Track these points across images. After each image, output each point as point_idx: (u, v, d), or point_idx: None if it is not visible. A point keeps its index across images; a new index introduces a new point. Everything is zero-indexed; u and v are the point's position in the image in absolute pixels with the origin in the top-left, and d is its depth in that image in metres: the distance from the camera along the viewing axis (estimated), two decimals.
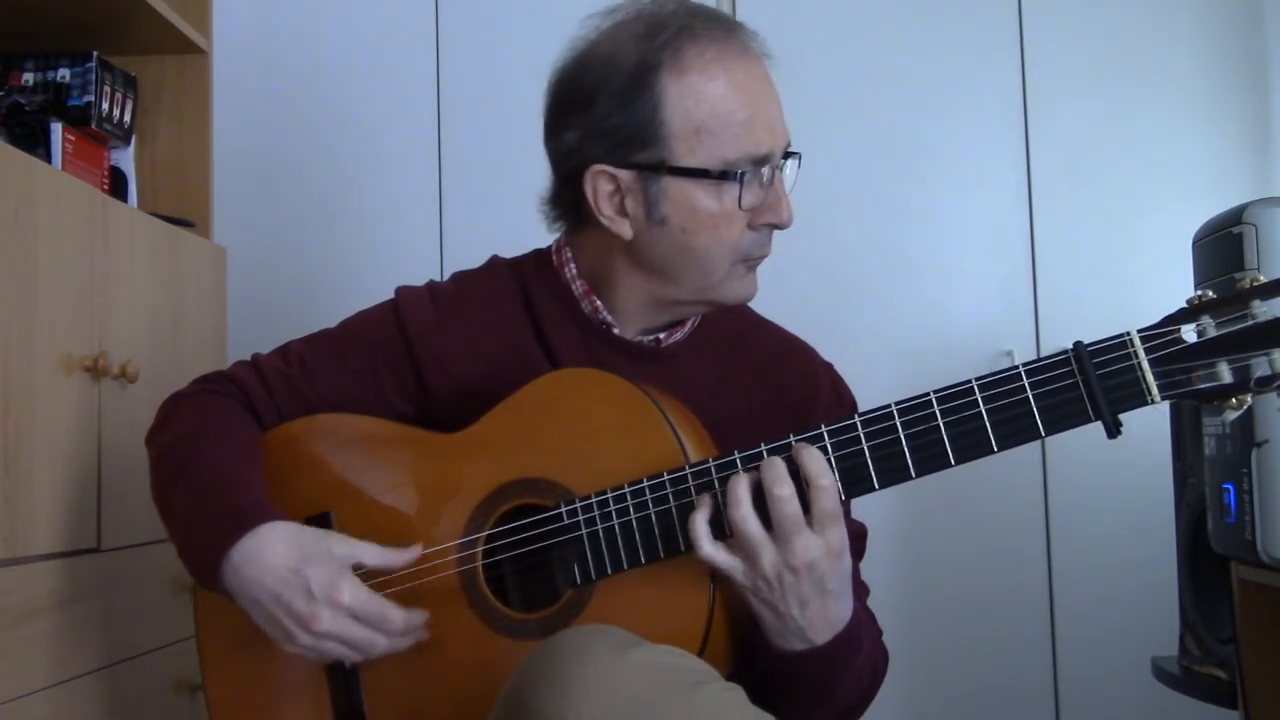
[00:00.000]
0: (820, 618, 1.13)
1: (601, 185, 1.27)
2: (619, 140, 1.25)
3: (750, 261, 1.30)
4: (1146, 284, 2.72)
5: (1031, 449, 2.72)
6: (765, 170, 1.25)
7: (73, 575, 1.56)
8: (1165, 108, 2.84)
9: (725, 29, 1.27)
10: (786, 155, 1.29)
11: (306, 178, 2.90)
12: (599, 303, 1.34)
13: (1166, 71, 2.85)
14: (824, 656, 1.15)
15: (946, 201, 2.86)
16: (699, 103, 1.23)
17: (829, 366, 1.42)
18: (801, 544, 1.10)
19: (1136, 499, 2.67)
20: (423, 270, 2.78)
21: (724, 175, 1.23)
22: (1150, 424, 2.21)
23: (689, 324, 1.36)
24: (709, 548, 1.13)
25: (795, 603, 1.12)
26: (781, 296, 2.75)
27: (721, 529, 1.14)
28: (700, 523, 1.13)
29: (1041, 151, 2.85)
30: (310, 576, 1.19)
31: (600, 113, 1.26)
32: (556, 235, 1.40)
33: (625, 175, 1.26)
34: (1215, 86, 2.84)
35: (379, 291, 1.44)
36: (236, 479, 1.28)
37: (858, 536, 1.35)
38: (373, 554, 1.23)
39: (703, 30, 1.26)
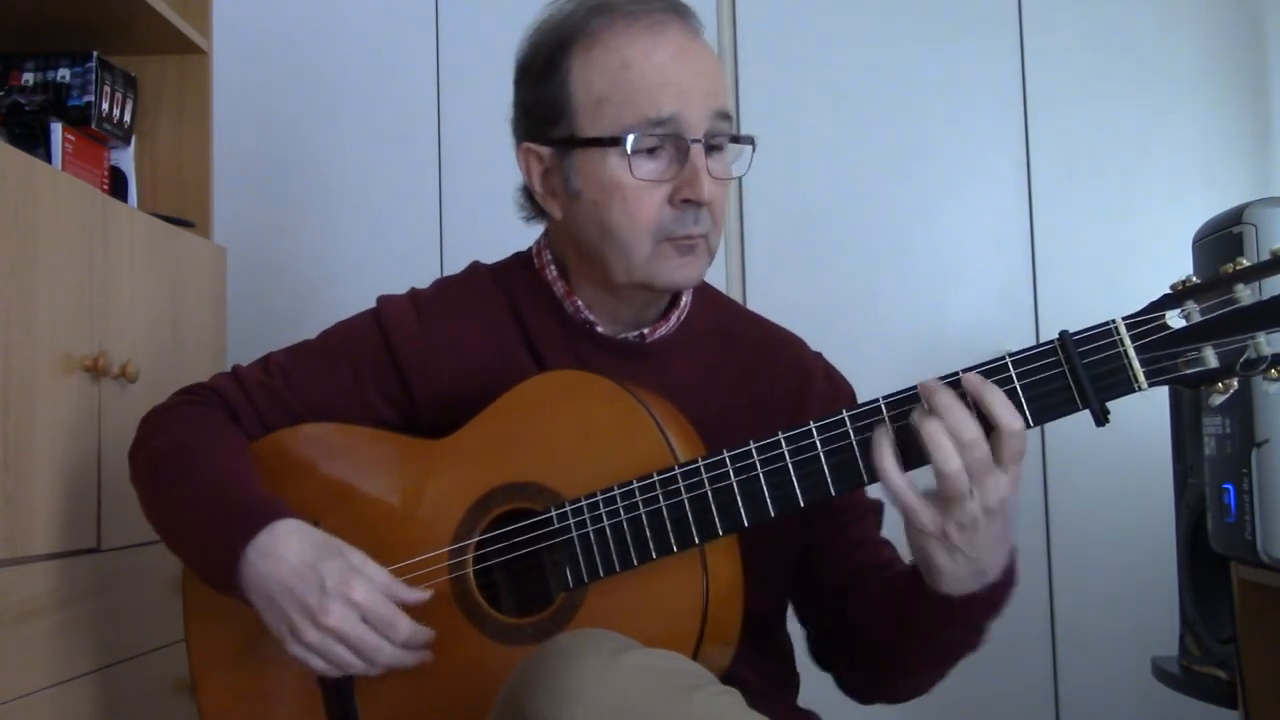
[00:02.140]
0: (1002, 553, 1.11)
1: (533, 164, 1.31)
2: (536, 117, 1.30)
3: (677, 241, 1.26)
4: (1146, 284, 2.68)
5: (1031, 449, 2.72)
6: (671, 144, 1.23)
7: (72, 575, 1.56)
8: (1165, 108, 2.84)
9: (645, 4, 1.26)
10: (735, 139, 1.28)
11: (307, 178, 2.90)
12: (579, 302, 1.34)
13: (1166, 71, 2.85)
14: (994, 593, 1.13)
15: (946, 201, 2.86)
16: (601, 74, 1.24)
17: (819, 356, 1.42)
18: (993, 483, 1.06)
19: (1136, 499, 2.67)
20: (423, 271, 2.78)
21: (614, 142, 1.23)
22: (1150, 423, 2.22)
23: (674, 318, 1.35)
24: (900, 480, 1.08)
25: (984, 546, 1.08)
26: (781, 296, 2.78)
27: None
28: (887, 454, 1.08)
29: (1041, 151, 2.85)
30: (325, 571, 1.18)
31: (525, 91, 1.31)
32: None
33: (546, 152, 1.29)
34: (1215, 86, 2.84)
35: (379, 292, 1.44)
36: (240, 479, 1.27)
37: (876, 511, 1.37)
38: (381, 575, 1.21)
39: (620, 6, 1.26)
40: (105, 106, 1.94)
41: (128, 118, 2.02)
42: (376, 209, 2.89)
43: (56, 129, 1.81)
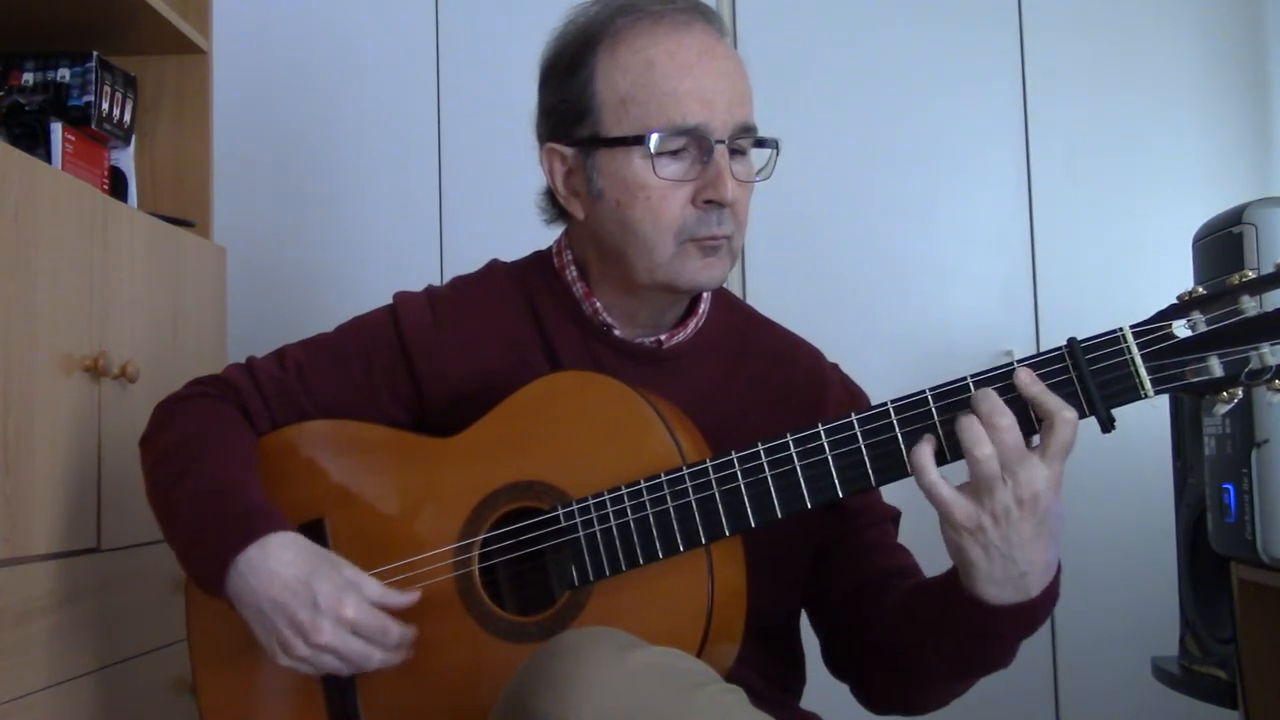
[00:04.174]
0: (1040, 560, 1.10)
1: (556, 164, 1.31)
2: (560, 117, 1.30)
3: (700, 242, 1.26)
4: (1146, 284, 2.71)
5: None
6: (694, 145, 1.24)
7: (72, 575, 1.56)
8: (1165, 107, 2.84)
9: (669, 5, 1.27)
10: (760, 143, 1.29)
11: (306, 178, 2.90)
12: (599, 304, 1.34)
13: (1166, 71, 2.85)
14: (1031, 610, 1.12)
15: (946, 201, 2.86)
16: (625, 74, 1.25)
17: (835, 366, 1.42)
18: (1027, 474, 1.07)
19: (1136, 499, 2.67)
20: (422, 271, 2.78)
21: (638, 141, 1.23)
22: (1150, 424, 2.21)
23: (691, 325, 1.35)
24: (934, 476, 1.09)
25: (1018, 543, 1.08)
26: (781, 296, 2.78)
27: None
28: (926, 453, 1.10)
29: (1041, 151, 2.85)
30: (317, 589, 1.18)
31: (549, 92, 1.31)
32: (555, 236, 1.40)
33: (569, 152, 1.30)
34: (1215, 86, 2.84)
35: (379, 291, 1.44)
36: (240, 484, 1.27)
37: (894, 519, 1.37)
38: (374, 588, 1.22)
39: (645, 6, 1.27)
40: (105, 106, 1.94)
41: (128, 118, 2.02)
42: (376, 209, 2.89)
43: (56, 129, 1.81)
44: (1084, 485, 2.72)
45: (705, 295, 1.37)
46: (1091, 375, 1.07)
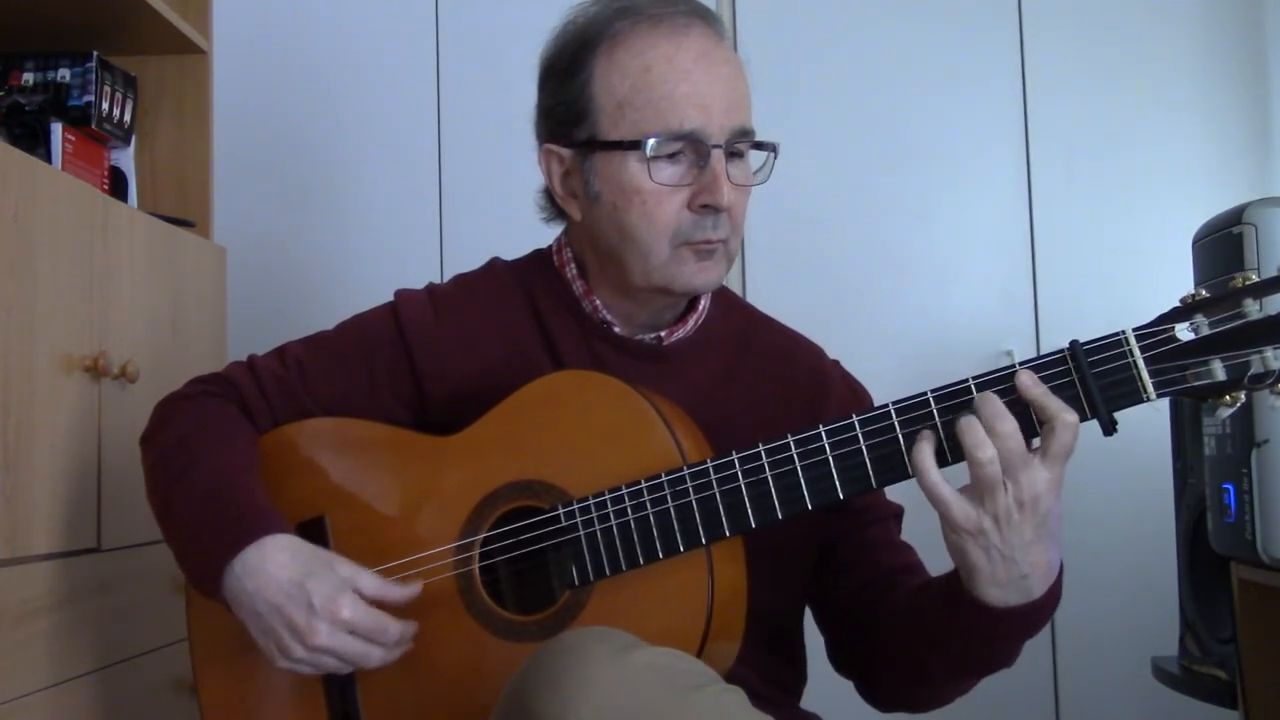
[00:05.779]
0: (1042, 562, 1.10)
1: (554, 165, 1.31)
2: (559, 118, 1.30)
3: (695, 246, 1.26)
4: (1146, 284, 2.72)
5: None
6: (690, 149, 1.24)
7: (72, 575, 1.56)
8: (1165, 108, 2.84)
9: (669, 8, 1.26)
10: (757, 146, 1.28)
11: (306, 178, 2.90)
12: (598, 301, 1.34)
13: (1166, 72, 2.85)
14: (1035, 611, 1.12)
15: (946, 201, 2.86)
16: (623, 78, 1.25)
17: (837, 363, 1.42)
18: (1028, 478, 1.07)
19: (1136, 499, 2.67)
20: (423, 270, 2.78)
21: (634, 146, 1.23)
22: (1150, 424, 2.21)
23: (691, 321, 1.36)
24: (935, 477, 1.09)
25: (1019, 545, 1.08)
26: (781, 296, 2.78)
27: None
28: (927, 452, 1.09)
29: (1041, 151, 2.85)
30: (312, 590, 1.18)
31: (548, 92, 1.31)
32: (556, 234, 1.40)
33: (567, 153, 1.30)
34: (1215, 86, 2.84)
35: (379, 292, 1.44)
36: (238, 485, 1.27)
37: (896, 516, 1.37)
38: (373, 583, 1.22)
39: (644, 9, 1.26)
40: (105, 106, 1.94)
41: (128, 118, 2.02)
42: (377, 209, 2.89)
43: (56, 129, 1.81)
44: (1084, 486, 2.72)
45: None
46: (1094, 378, 1.07)
